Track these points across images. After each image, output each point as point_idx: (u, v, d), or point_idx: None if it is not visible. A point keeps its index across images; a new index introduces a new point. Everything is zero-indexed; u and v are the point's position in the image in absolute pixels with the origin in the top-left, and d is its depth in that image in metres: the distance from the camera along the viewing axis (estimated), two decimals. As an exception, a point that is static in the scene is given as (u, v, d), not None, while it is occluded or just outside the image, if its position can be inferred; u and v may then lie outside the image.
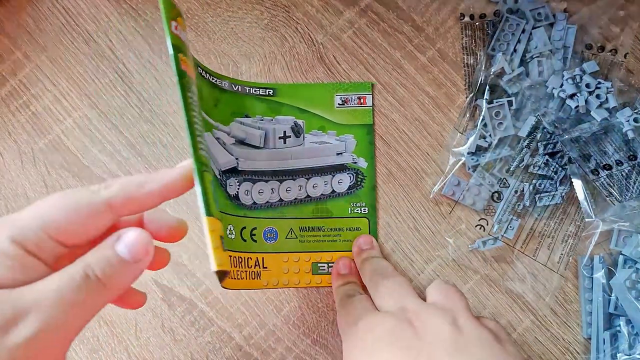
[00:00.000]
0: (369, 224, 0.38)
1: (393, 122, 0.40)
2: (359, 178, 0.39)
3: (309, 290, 0.38)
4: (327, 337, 0.37)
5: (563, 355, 0.37)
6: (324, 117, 0.39)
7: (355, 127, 0.39)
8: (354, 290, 0.34)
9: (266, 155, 0.38)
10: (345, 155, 0.39)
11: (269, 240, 0.37)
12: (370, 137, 0.39)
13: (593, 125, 0.38)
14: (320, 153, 0.39)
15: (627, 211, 0.37)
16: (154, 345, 0.37)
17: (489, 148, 0.38)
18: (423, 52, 0.41)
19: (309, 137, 0.39)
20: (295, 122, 0.39)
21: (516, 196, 0.38)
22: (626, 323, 0.35)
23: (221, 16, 0.41)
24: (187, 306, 0.38)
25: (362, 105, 0.40)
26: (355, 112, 0.40)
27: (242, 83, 0.39)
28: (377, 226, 0.39)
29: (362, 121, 0.39)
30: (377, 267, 0.34)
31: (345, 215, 0.38)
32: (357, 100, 0.40)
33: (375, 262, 0.35)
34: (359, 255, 0.37)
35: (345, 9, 0.41)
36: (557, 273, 0.38)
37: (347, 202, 0.38)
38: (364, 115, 0.40)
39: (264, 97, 0.39)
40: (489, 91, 0.39)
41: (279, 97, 0.39)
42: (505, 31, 0.40)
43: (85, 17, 0.41)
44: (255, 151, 0.38)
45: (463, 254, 0.38)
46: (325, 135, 0.39)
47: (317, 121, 0.39)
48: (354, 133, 0.39)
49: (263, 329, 0.37)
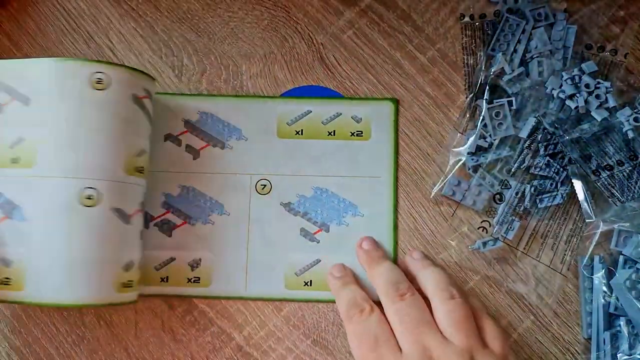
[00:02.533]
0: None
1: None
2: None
3: (309, 291, 0.38)
4: (327, 337, 0.37)
5: (563, 355, 0.37)
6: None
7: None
8: (360, 298, 0.34)
9: None
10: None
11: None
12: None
13: (593, 126, 0.38)
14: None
15: (627, 211, 0.37)
16: (154, 345, 0.37)
17: (489, 148, 0.38)
18: (423, 52, 0.41)
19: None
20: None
21: (517, 197, 0.38)
22: (626, 323, 0.35)
23: (221, 16, 0.41)
24: (187, 306, 0.38)
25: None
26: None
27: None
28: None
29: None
30: (393, 280, 0.34)
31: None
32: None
33: (388, 271, 0.35)
34: (366, 258, 0.37)
35: (345, 9, 0.41)
36: (561, 274, 0.38)
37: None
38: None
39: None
40: (489, 91, 0.39)
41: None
42: (505, 31, 0.40)
43: (86, 17, 0.41)
44: None
45: (465, 257, 0.38)
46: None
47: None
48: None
49: (263, 329, 0.37)
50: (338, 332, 0.37)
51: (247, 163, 0.39)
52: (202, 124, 0.39)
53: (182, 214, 0.38)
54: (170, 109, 0.40)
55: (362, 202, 0.38)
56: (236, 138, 0.39)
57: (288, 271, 0.38)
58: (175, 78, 0.40)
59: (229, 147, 0.39)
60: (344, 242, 0.38)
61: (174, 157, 0.39)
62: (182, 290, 0.37)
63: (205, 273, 0.38)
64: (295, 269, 0.38)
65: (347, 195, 0.39)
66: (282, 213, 0.38)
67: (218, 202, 0.38)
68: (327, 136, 0.39)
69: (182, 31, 0.41)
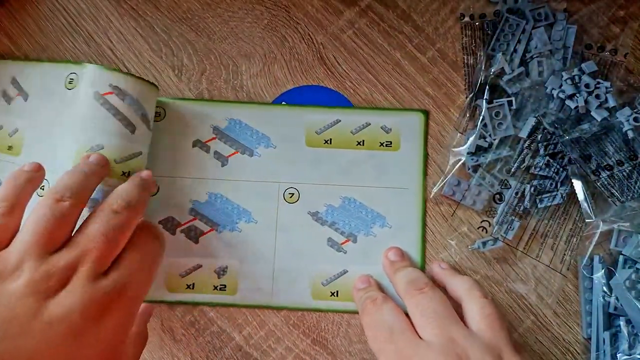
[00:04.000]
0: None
1: (393, 122, 0.40)
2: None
3: (308, 290, 0.38)
4: (327, 337, 0.37)
5: (563, 355, 0.37)
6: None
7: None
8: (376, 293, 0.34)
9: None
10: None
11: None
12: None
13: (593, 126, 0.38)
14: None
15: (627, 211, 0.37)
16: (154, 345, 0.37)
17: (489, 148, 0.38)
18: (423, 52, 0.41)
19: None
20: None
21: (517, 197, 0.38)
22: (626, 323, 0.35)
23: (221, 16, 0.41)
24: (187, 306, 0.38)
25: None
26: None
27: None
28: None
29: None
30: (412, 278, 0.34)
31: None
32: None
33: (409, 273, 0.35)
34: (391, 267, 0.36)
35: (345, 9, 0.41)
36: (560, 274, 0.38)
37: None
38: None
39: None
40: (489, 91, 0.39)
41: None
42: (505, 31, 0.40)
43: (86, 17, 0.41)
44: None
45: (465, 257, 0.38)
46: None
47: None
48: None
49: (263, 329, 0.37)
50: (338, 331, 0.37)
51: (275, 171, 0.39)
52: (231, 131, 0.39)
53: (209, 221, 0.38)
54: (198, 115, 0.39)
55: (390, 213, 0.38)
56: (265, 146, 0.39)
57: (315, 281, 0.38)
58: (175, 78, 0.40)
59: (258, 155, 0.39)
60: (371, 253, 0.38)
61: (202, 163, 0.39)
62: (209, 298, 0.37)
63: (232, 281, 0.38)
64: (322, 279, 0.38)
65: (375, 206, 0.38)
66: (310, 222, 0.38)
67: (246, 209, 0.38)
68: (356, 146, 0.39)
69: (182, 31, 0.41)
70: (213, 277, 0.38)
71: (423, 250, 0.38)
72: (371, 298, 0.34)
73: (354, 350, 0.37)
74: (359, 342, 0.37)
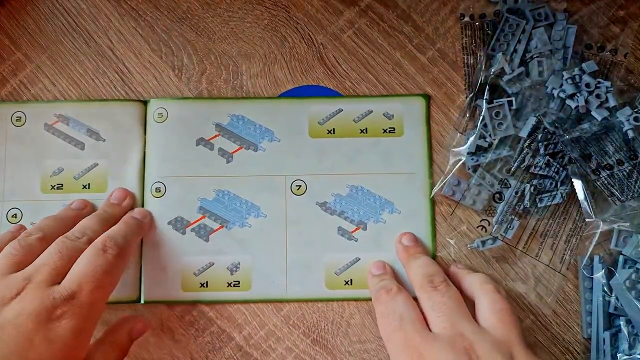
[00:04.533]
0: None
1: (393, 122, 0.40)
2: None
3: (308, 290, 0.38)
4: (327, 337, 0.37)
5: (563, 355, 0.37)
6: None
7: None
8: (391, 283, 0.34)
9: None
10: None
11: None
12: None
13: (593, 125, 0.38)
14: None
15: (627, 211, 0.37)
16: (153, 345, 0.37)
17: (489, 148, 0.38)
18: (423, 52, 0.41)
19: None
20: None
21: (517, 196, 0.38)
22: (626, 323, 0.35)
23: (221, 16, 0.41)
24: (186, 306, 0.38)
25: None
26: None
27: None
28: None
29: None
30: (428, 273, 0.34)
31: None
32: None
33: (425, 265, 0.35)
34: (405, 253, 0.36)
35: (345, 9, 0.41)
36: (560, 273, 0.38)
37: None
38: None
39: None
40: (489, 91, 0.39)
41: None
42: (505, 31, 0.40)
43: (86, 17, 0.41)
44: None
45: (464, 256, 0.38)
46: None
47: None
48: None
49: (263, 329, 0.37)
50: (337, 331, 0.37)
51: (281, 164, 0.39)
52: (234, 127, 0.39)
53: (219, 218, 0.38)
54: (200, 113, 0.40)
55: (398, 199, 0.38)
56: (269, 140, 0.39)
57: (328, 271, 0.38)
58: (175, 78, 0.40)
59: (262, 149, 0.39)
60: (382, 239, 0.38)
61: (207, 161, 0.39)
62: (224, 296, 0.38)
63: (245, 276, 0.38)
64: (335, 269, 0.38)
65: (382, 193, 0.39)
66: (319, 213, 0.38)
67: (254, 204, 0.38)
68: (360, 134, 0.39)
69: (182, 31, 0.41)
70: (226, 274, 0.38)
71: (433, 234, 0.38)
72: (386, 288, 0.34)
73: (354, 350, 0.37)
74: (359, 342, 0.37)
